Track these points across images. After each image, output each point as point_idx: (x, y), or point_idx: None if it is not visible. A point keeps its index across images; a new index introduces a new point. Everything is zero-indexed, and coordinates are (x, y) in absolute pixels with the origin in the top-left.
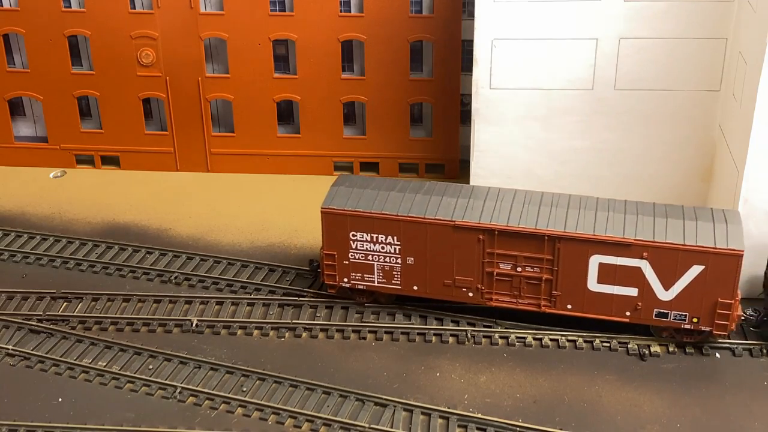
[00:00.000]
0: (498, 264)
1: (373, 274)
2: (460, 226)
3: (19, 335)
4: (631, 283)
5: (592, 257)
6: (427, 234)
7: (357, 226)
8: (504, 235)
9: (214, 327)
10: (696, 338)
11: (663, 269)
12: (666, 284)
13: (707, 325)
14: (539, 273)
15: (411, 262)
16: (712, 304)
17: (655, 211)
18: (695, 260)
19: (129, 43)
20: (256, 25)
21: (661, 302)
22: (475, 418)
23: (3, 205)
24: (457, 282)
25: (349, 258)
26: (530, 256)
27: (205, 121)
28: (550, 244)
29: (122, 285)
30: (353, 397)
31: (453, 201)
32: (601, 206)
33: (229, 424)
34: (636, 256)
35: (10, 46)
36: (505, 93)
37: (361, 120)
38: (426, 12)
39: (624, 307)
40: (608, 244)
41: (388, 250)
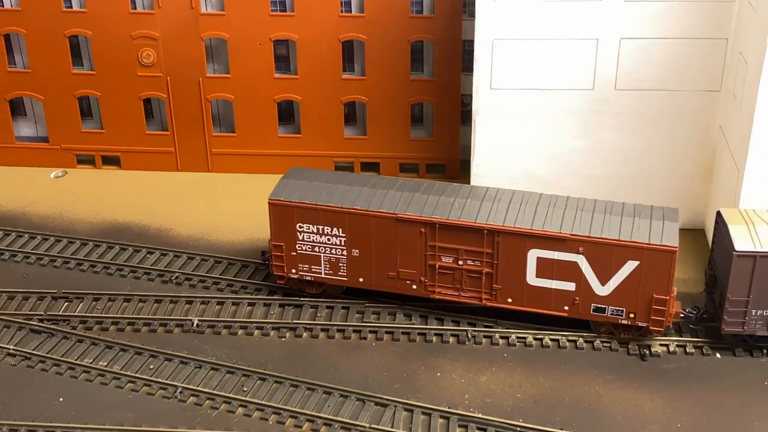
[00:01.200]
0: (440, 257)
1: (320, 266)
2: (403, 218)
3: (20, 335)
4: (569, 278)
5: (530, 251)
6: (371, 226)
7: (303, 217)
8: (445, 229)
9: (215, 327)
10: (634, 334)
11: (599, 264)
12: (602, 279)
13: (644, 321)
14: (480, 266)
15: (356, 254)
16: (648, 300)
17: (595, 208)
18: (630, 256)
19: (130, 43)
20: (257, 26)
21: (598, 297)
22: (475, 418)
23: (4, 205)
24: (401, 274)
25: (296, 249)
26: (471, 250)
27: (206, 121)
28: (489, 238)
29: (123, 285)
30: (354, 397)
31: (397, 194)
32: (543, 202)
33: (230, 423)
34: (572, 251)
35: (11, 46)
36: (505, 93)
37: (362, 120)
38: (426, 12)
39: (562, 302)
40: (545, 238)
41: (333, 242)
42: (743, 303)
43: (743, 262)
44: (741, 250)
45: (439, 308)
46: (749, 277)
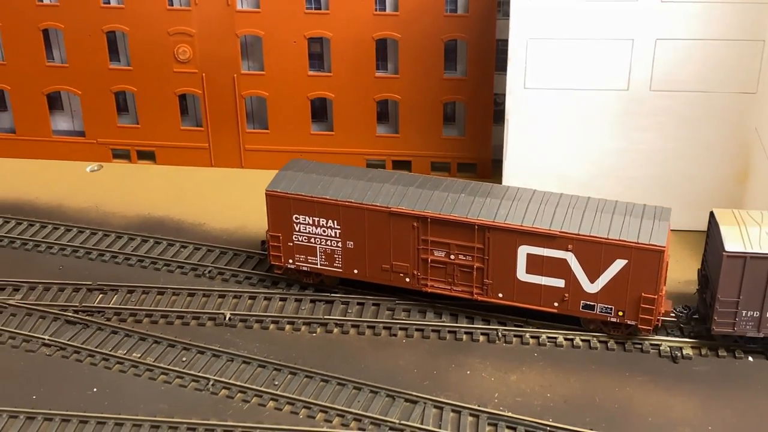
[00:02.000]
0: (432, 251)
1: (316, 257)
2: (396, 212)
3: (55, 326)
4: (558, 275)
5: (521, 248)
6: (365, 219)
7: (299, 209)
8: (437, 223)
9: (247, 321)
10: (623, 332)
11: (588, 262)
12: (591, 277)
13: (632, 319)
14: (471, 261)
15: (351, 246)
16: (636, 299)
17: (587, 206)
18: (618, 254)
19: (166, 39)
20: (292, 23)
21: (587, 294)
22: (505, 417)
23: (41, 197)
24: (394, 267)
25: (293, 240)
26: (462, 245)
27: (240, 118)
28: (480, 234)
29: (157, 278)
30: (384, 393)
31: (392, 188)
32: (535, 199)
33: (261, 417)
34: (561, 248)
35: (50, 41)
36: (539, 93)
37: (394, 118)
38: (461, 11)
39: (552, 298)
40: (534, 235)
41: (329, 234)
42: (733, 304)
43: (733, 262)
44: (731, 251)
45: (470, 306)
46: (739, 277)
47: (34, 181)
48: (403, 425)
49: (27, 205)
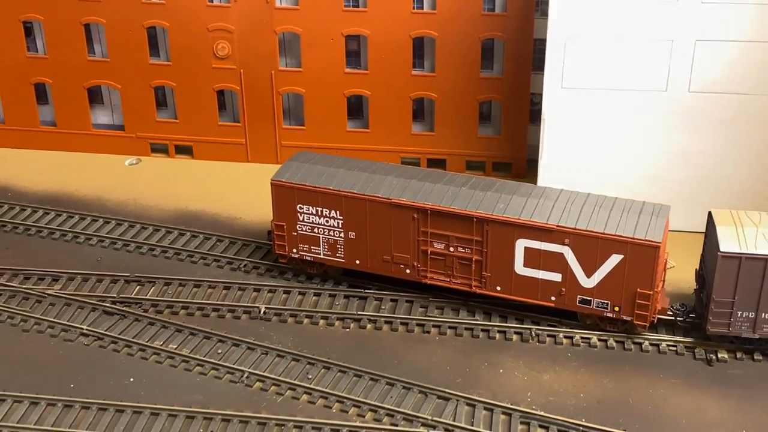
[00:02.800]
0: (432, 243)
1: (319, 247)
2: (396, 204)
3: (93, 316)
4: (555, 269)
5: (518, 241)
6: (367, 210)
7: (303, 199)
8: (436, 215)
9: (281, 315)
10: (620, 328)
11: (584, 256)
12: (588, 272)
13: (628, 315)
14: (470, 254)
15: (353, 236)
16: (632, 294)
17: (586, 201)
18: (614, 249)
19: (206, 35)
20: (330, 21)
21: (584, 289)
22: (537, 416)
23: (80, 190)
24: (395, 258)
25: (297, 230)
26: (461, 237)
27: (277, 114)
28: (479, 226)
29: (193, 271)
30: (416, 389)
31: (395, 180)
32: (535, 193)
33: (294, 410)
34: (558, 242)
35: (91, 36)
36: (576, 93)
37: (430, 116)
38: (499, 10)
39: (549, 292)
40: (532, 228)
41: (332, 224)
42: (728, 304)
43: (728, 263)
44: (726, 251)
45: (503, 305)
46: (734, 278)
47: (74, 174)
48: (436, 422)
49: (67, 197)
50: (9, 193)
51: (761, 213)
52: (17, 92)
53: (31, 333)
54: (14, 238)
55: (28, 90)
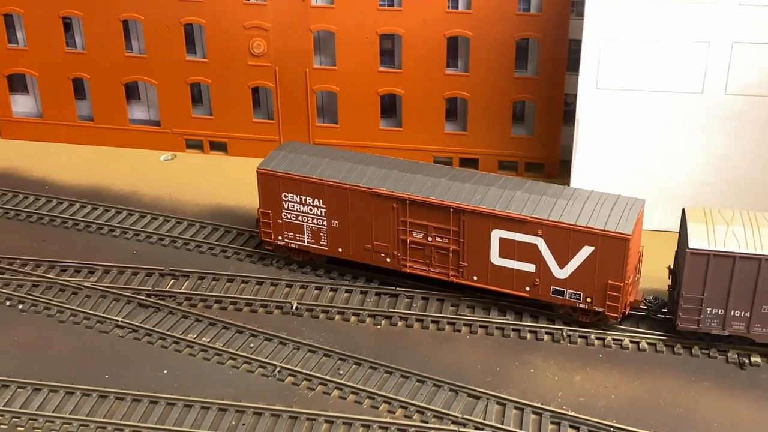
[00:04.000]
0: (411, 232)
1: (304, 234)
2: (376, 193)
3: (128, 308)
4: (529, 260)
5: (493, 231)
6: (348, 199)
7: (288, 187)
8: (415, 205)
9: (313, 311)
10: (592, 318)
11: (557, 248)
12: (560, 263)
13: (600, 306)
14: (447, 244)
15: (336, 225)
16: (603, 286)
17: (561, 194)
18: (585, 241)
19: (242, 33)
20: (365, 19)
21: (557, 280)
22: (568, 416)
23: (116, 184)
24: (375, 247)
25: (282, 217)
26: (439, 227)
27: (311, 112)
28: (455, 217)
29: (227, 265)
30: (447, 387)
31: (376, 171)
32: (513, 185)
33: (325, 405)
34: (531, 233)
35: (129, 32)
36: (611, 94)
37: (463, 116)
38: (534, 10)
39: (524, 282)
40: (506, 219)
41: (315, 213)
42: (698, 300)
43: (697, 259)
44: (694, 248)
45: (534, 305)
46: (703, 275)
47: (110, 168)
48: (466, 419)
49: (103, 191)
50: (47, 186)
51: (735, 211)
52: (56, 87)
53: (67, 324)
54: (51, 231)
55: (66, 85)
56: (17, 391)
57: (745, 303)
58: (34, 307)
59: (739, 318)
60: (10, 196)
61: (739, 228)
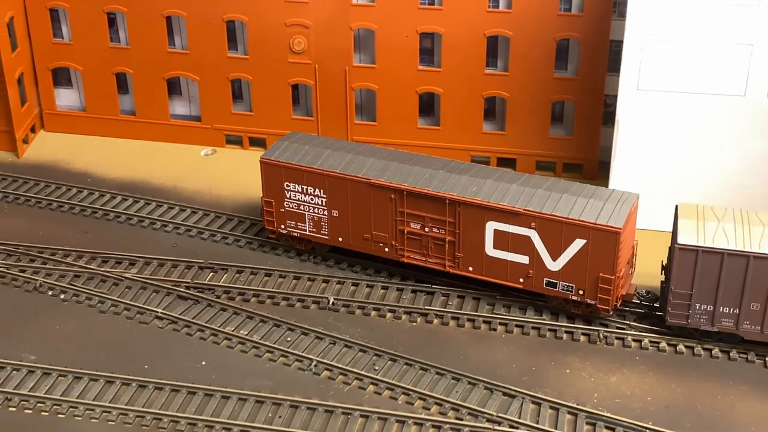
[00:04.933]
0: (408, 223)
1: (305, 223)
2: (375, 184)
3: (168, 300)
4: (523, 252)
5: (488, 223)
6: (348, 190)
7: (290, 177)
8: (412, 196)
9: (350, 306)
10: (584, 311)
11: (550, 240)
12: (553, 255)
13: (592, 299)
14: (443, 234)
15: (336, 214)
16: (595, 279)
17: (556, 187)
18: (577, 234)
19: (283, 30)
20: (405, 18)
21: (550, 272)
22: (604, 417)
23: (157, 178)
24: (374, 237)
25: (284, 206)
26: (435, 218)
27: (349, 109)
28: (451, 208)
29: (265, 260)
30: (482, 385)
31: (376, 162)
32: (509, 178)
33: (360, 400)
34: (525, 225)
35: (172, 28)
36: (652, 95)
37: (501, 115)
38: (575, 10)
39: (518, 274)
40: (500, 211)
41: (316, 202)
42: (687, 296)
43: (686, 255)
44: (684, 244)
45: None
46: (692, 270)
47: (151, 162)
48: (501, 418)
49: (144, 185)
50: (89, 179)
51: (728, 208)
52: (99, 81)
53: (107, 314)
54: (93, 223)
55: (109, 79)
56: (58, 379)
57: (733, 300)
58: (75, 297)
59: (728, 315)
60: (53, 187)
61: (730, 225)
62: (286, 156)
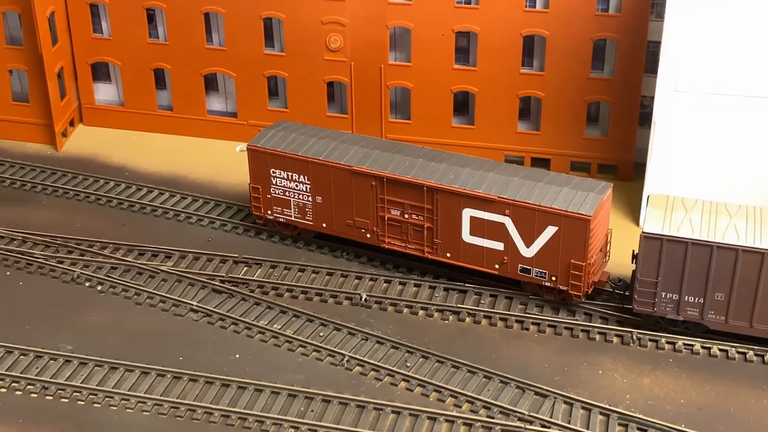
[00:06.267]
0: (389, 210)
1: (291, 209)
2: (356, 171)
3: (203, 293)
4: (498, 238)
5: (465, 210)
6: (331, 176)
7: (275, 164)
8: (392, 183)
9: (382, 303)
10: (557, 297)
11: (523, 227)
12: (527, 242)
13: (564, 285)
14: (422, 221)
15: (320, 201)
16: (566, 265)
17: (532, 176)
18: (549, 221)
19: (319, 28)
20: (442, 16)
21: (524, 258)
22: (636, 418)
23: (193, 173)
24: (356, 223)
25: (270, 192)
26: (414, 205)
27: (384, 107)
28: (429, 195)
29: (298, 255)
30: (514, 384)
31: (359, 150)
32: (487, 167)
33: (392, 395)
34: (499, 212)
35: (210, 25)
36: (690, 96)
37: (536, 115)
38: (613, 10)
39: (493, 260)
40: (476, 198)
41: (301, 189)
42: (652, 284)
43: (651, 243)
44: (649, 232)
45: (605, 306)
46: (657, 259)
47: (187, 157)
48: (533, 417)
49: (180, 179)
50: (126, 173)
51: (698, 200)
52: (137, 76)
53: (143, 306)
54: (130, 216)
55: (147, 75)
56: (95, 369)
57: (698, 289)
58: (112, 288)
59: (693, 304)
60: (91, 181)
61: (697, 215)
62: (272, 143)
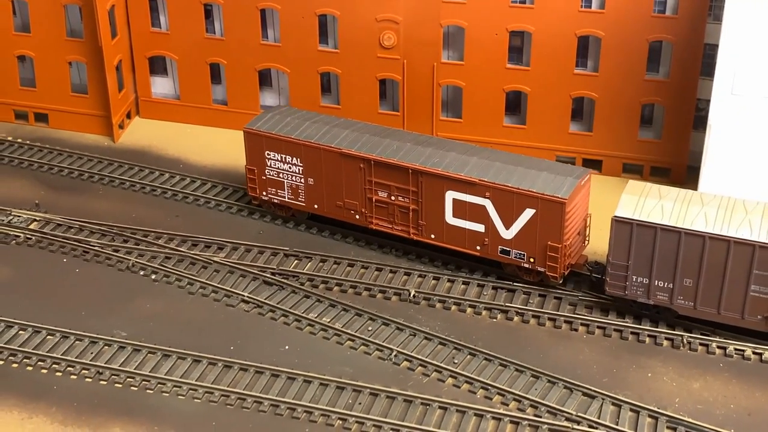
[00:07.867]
0: (376, 191)
1: (284, 191)
2: (345, 154)
3: (253, 285)
4: (479, 220)
5: (447, 193)
6: (322, 159)
7: (270, 146)
8: (379, 166)
9: (430, 300)
10: (535, 278)
11: (503, 209)
12: (506, 224)
13: (541, 266)
14: (408, 203)
15: (312, 182)
16: (544, 247)
17: (514, 161)
18: (527, 204)
19: (373, 25)
20: (496, 16)
21: (503, 240)
22: (685, 422)
23: None
24: (346, 204)
25: (265, 174)
26: (400, 187)
27: (435, 106)
28: (414, 178)
29: (348, 250)
30: (562, 384)
31: (350, 134)
32: (472, 152)
33: (439, 391)
34: (480, 195)
35: (265, 21)
36: (746, 100)
37: (589, 116)
38: (669, 12)
39: (475, 242)
40: (458, 181)
41: (294, 171)
42: (623, 267)
43: (622, 227)
44: (619, 216)
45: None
46: (628, 243)
47: (240, 151)
48: (580, 417)
49: (233, 172)
50: (181, 165)
51: (676, 190)
52: (194, 71)
53: (196, 296)
54: (184, 207)
55: (203, 69)
56: (148, 355)
57: (667, 274)
58: (166, 278)
59: (663, 288)
60: (146, 172)
61: (669, 203)
62: (267, 126)
